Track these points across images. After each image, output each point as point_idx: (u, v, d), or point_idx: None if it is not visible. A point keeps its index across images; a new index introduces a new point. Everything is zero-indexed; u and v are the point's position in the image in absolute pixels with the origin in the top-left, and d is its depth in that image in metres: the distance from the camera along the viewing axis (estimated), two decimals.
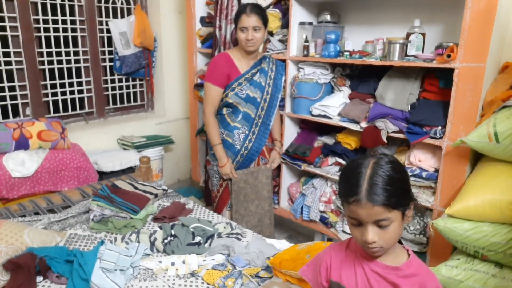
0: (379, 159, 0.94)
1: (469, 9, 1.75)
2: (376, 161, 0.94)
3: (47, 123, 2.62)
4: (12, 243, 1.55)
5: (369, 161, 0.94)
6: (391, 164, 0.93)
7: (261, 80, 2.26)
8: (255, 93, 2.24)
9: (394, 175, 0.91)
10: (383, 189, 0.89)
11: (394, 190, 0.90)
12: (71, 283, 1.43)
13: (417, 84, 2.14)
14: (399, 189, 0.91)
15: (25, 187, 2.45)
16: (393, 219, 0.91)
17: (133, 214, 1.89)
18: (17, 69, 2.79)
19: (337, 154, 2.48)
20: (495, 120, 1.70)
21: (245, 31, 2.10)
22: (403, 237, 2.19)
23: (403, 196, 0.92)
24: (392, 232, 0.93)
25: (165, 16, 3.47)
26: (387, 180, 0.90)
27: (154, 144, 3.28)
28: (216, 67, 2.19)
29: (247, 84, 2.22)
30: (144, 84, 3.64)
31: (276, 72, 2.33)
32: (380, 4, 2.47)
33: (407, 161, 2.18)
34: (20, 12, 2.71)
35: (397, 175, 0.92)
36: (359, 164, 0.94)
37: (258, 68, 2.25)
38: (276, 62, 2.36)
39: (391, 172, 0.91)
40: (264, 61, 2.29)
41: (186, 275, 1.57)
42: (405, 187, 0.94)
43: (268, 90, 2.28)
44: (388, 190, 0.89)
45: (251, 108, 2.25)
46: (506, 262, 1.64)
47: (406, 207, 0.94)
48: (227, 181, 2.34)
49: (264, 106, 2.29)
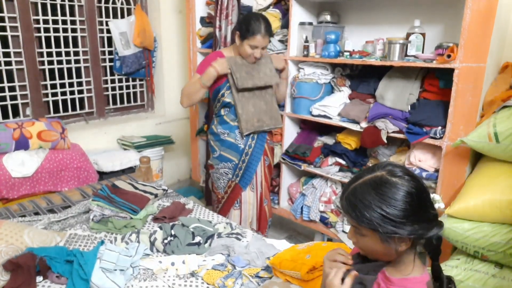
0: (389, 172, 0.89)
1: (469, 9, 1.75)
2: (382, 174, 0.89)
3: (47, 123, 2.62)
4: (12, 243, 1.55)
5: (378, 172, 0.90)
6: (385, 185, 0.86)
7: None
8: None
9: (367, 192, 0.86)
10: (347, 198, 0.89)
11: (361, 206, 0.86)
12: (71, 283, 1.43)
13: (417, 84, 2.14)
14: (369, 208, 0.85)
15: (25, 187, 2.45)
16: (365, 234, 0.89)
17: (133, 214, 1.89)
18: (17, 69, 2.79)
19: (337, 154, 2.48)
20: (495, 120, 1.70)
21: (254, 48, 2.09)
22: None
23: (378, 219, 0.85)
24: (364, 244, 0.91)
25: (165, 16, 3.47)
26: (354, 192, 0.88)
27: (154, 144, 3.28)
28: (206, 63, 2.17)
29: None
30: (144, 84, 3.64)
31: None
32: (380, 4, 2.47)
33: (407, 161, 2.18)
34: (20, 12, 2.71)
35: (374, 194, 0.86)
36: (370, 169, 0.93)
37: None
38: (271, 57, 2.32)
39: (370, 189, 0.86)
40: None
41: (186, 275, 1.57)
42: (386, 212, 0.84)
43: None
44: (352, 203, 0.88)
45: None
46: (506, 262, 1.64)
47: (386, 234, 0.85)
48: (235, 181, 2.30)
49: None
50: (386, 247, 0.88)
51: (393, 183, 0.86)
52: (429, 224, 0.86)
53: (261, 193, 2.39)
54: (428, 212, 0.88)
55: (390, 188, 0.86)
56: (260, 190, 2.38)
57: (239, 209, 2.36)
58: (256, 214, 2.41)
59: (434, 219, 0.88)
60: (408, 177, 0.88)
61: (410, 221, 0.84)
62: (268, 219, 2.47)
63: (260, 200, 2.40)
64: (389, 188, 0.86)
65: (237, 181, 2.30)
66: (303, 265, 1.39)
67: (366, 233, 0.89)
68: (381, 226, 0.85)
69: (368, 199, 0.86)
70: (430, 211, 0.88)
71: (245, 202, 2.36)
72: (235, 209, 2.36)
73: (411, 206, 0.85)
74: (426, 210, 0.88)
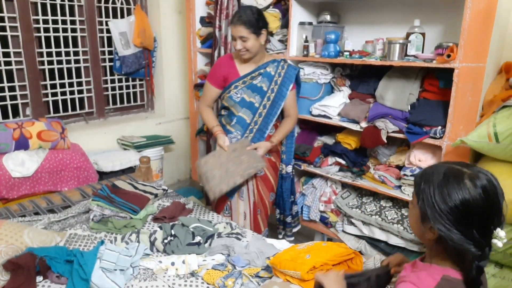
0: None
1: (469, 9, 1.75)
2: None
3: (47, 123, 2.62)
4: (12, 243, 1.55)
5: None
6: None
7: (262, 84, 2.14)
8: (253, 97, 2.15)
9: (441, 174, 0.92)
10: (426, 169, 1.00)
11: (426, 180, 0.95)
12: (71, 283, 1.43)
13: (417, 84, 2.14)
14: (428, 186, 0.93)
15: (25, 187, 2.45)
16: (414, 205, 0.98)
17: (133, 214, 1.89)
18: (17, 69, 2.79)
19: (337, 154, 2.48)
20: (495, 120, 1.71)
21: (235, 40, 2.04)
22: (403, 237, 2.19)
23: (427, 198, 0.92)
24: (410, 213, 1.03)
25: (165, 16, 3.47)
26: (435, 167, 0.95)
27: (154, 144, 3.28)
28: (215, 68, 2.21)
29: (243, 87, 2.14)
30: (144, 84, 3.64)
31: (284, 78, 2.15)
32: (380, 4, 2.47)
33: (407, 161, 2.18)
34: (20, 12, 2.71)
35: (442, 178, 0.92)
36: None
37: (260, 72, 2.14)
38: (288, 67, 2.17)
39: (444, 174, 0.91)
40: (272, 64, 2.16)
41: (186, 275, 1.57)
42: (435, 199, 0.91)
43: (270, 96, 2.15)
44: (425, 173, 0.97)
45: (247, 113, 2.15)
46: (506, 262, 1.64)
47: (424, 215, 0.92)
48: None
49: (263, 112, 2.16)
50: (419, 226, 0.95)
51: (462, 184, 0.87)
52: (467, 240, 0.87)
53: (254, 202, 2.25)
54: (470, 230, 0.87)
55: (456, 185, 0.88)
56: (253, 199, 2.25)
57: (230, 216, 2.29)
58: (250, 223, 2.29)
59: (476, 243, 0.87)
60: (481, 190, 0.87)
61: (448, 221, 0.87)
62: (262, 229, 2.34)
63: (254, 210, 2.27)
64: (455, 185, 0.88)
65: None
66: (303, 265, 1.39)
67: (415, 205, 0.95)
68: (424, 204, 0.91)
69: (435, 179, 0.91)
70: (475, 232, 0.87)
71: (235, 211, 2.27)
72: (225, 215, 2.29)
73: (458, 212, 0.86)
74: (469, 228, 0.87)
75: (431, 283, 0.90)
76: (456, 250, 0.89)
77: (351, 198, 2.47)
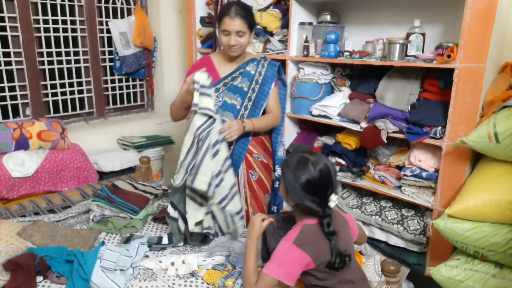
0: None
1: (469, 9, 1.75)
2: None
3: (47, 123, 2.62)
4: (12, 243, 1.55)
5: None
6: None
7: (243, 85, 2.02)
8: (235, 99, 2.02)
9: (293, 160, 1.36)
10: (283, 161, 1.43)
11: (286, 166, 1.36)
12: (71, 283, 1.43)
13: (417, 84, 2.14)
14: (288, 170, 1.34)
15: (25, 187, 2.45)
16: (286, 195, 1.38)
17: (133, 214, 1.89)
18: (17, 69, 2.79)
19: (337, 154, 2.48)
20: (495, 120, 1.70)
21: (227, 35, 1.88)
22: (403, 237, 2.19)
23: (288, 179, 1.33)
24: (281, 192, 1.42)
25: (165, 16, 3.47)
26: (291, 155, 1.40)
27: (154, 144, 3.28)
28: (192, 71, 1.94)
29: (225, 90, 2.01)
30: (144, 84, 3.64)
31: (266, 77, 2.04)
32: (380, 4, 2.47)
33: (407, 161, 2.18)
34: (20, 12, 2.71)
35: (295, 164, 1.35)
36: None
37: (240, 72, 2.01)
38: (269, 65, 2.06)
39: (296, 160, 1.35)
40: (251, 63, 2.04)
41: (186, 275, 1.57)
42: (289, 178, 1.33)
43: (251, 96, 2.02)
44: (285, 163, 1.37)
45: (229, 116, 1.99)
46: (506, 262, 1.64)
47: (287, 189, 1.34)
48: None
49: (245, 114, 2.01)
50: (285, 197, 1.38)
51: (306, 168, 1.30)
52: (313, 204, 1.30)
53: (248, 207, 2.12)
54: (314, 197, 1.30)
55: (302, 169, 1.30)
56: (247, 207, 2.12)
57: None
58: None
59: (318, 204, 1.30)
60: (318, 172, 1.29)
61: (299, 193, 1.30)
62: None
63: (246, 211, 2.12)
64: (302, 169, 1.30)
65: None
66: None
67: (282, 183, 1.39)
68: (285, 183, 1.34)
69: (291, 165, 1.33)
70: (316, 198, 1.30)
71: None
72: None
73: (305, 187, 1.29)
74: (313, 196, 1.30)
75: (296, 232, 1.31)
76: (308, 210, 1.31)
77: (351, 198, 2.47)
